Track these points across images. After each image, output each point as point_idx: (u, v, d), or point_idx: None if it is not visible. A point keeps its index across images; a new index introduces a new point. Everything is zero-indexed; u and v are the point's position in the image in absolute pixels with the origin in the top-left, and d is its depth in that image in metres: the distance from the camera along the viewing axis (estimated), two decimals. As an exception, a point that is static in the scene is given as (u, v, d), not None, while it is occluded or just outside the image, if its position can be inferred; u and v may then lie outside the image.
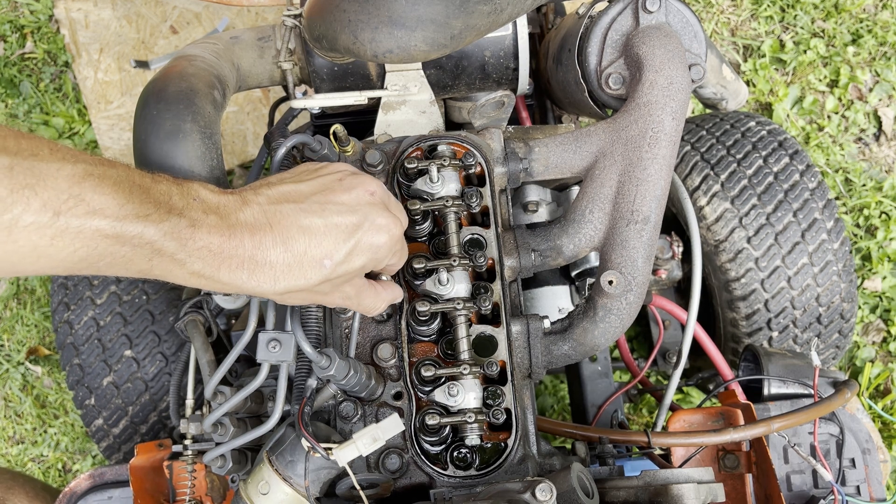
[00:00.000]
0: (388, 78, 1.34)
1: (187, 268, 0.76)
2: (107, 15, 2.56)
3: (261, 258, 0.80)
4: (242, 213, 0.82)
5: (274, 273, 0.82)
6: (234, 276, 0.80)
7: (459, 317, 1.04)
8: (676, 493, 0.97)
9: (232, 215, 0.80)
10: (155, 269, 0.75)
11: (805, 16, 2.66)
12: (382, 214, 0.91)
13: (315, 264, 0.84)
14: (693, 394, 2.40)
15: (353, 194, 0.91)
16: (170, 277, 0.77)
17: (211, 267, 0.78)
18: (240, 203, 0.82)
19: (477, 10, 1.08)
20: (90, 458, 2.53)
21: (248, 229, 0.80)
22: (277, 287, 0.82)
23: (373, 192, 0.93)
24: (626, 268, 1.10)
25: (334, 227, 0.86)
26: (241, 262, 0.79)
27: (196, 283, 0.79)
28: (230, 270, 0.79)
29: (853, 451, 1.36)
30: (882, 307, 2.46)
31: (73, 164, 0.67)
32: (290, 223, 0.83)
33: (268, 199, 0.85)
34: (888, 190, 2.51)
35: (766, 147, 1.82)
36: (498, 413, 1.02)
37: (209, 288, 0.81)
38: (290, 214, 0.84)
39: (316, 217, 0.85)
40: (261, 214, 0.82)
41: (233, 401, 1.02)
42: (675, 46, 1.14)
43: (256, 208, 0.83)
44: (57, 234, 0.66)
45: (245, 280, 0.80)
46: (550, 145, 1.18)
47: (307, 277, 0.84)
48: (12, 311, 2.66)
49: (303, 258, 0.83)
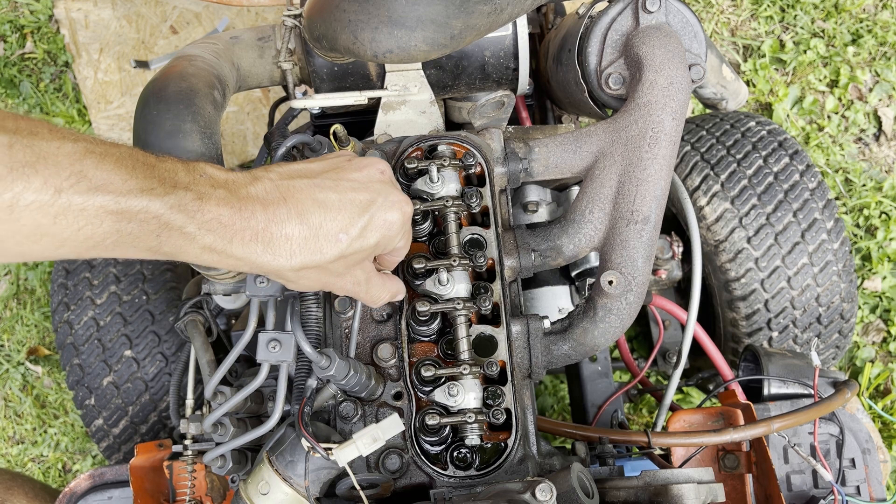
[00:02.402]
0: (388, 78, 1.34)
1: (198, 242, 0.74)
2: (107, 15, 2.56)
3: (276, 231, 0.78)
4: (253, 187, 0.80)
5: (290, 246, 0.79)
6: (247, 250, 0.77)
7: (459, 317, 1.04)
8: (676, 493, 0.97)
9: (241, 189, 0.78)
10: (164, 245, 0.73)
11: (805, 16, 2.66)
12: (394, 192, 0.90)
13: (331, 238, 0.82)
14: (693, 394, 2.40)
15: (364, 172, 0.90)
16: (181, 254, 0.75)
17: (223, 240, 0.75)
18: (250, 178, 0.81)
19: (477, 10, 1.08)
20: (90, 458, 2.53)
21: (260, 202, 0.78)
22: (294, 262, 0.80)
23: (383, 170, 0.92)
24: (626, 268, 1.10)
25: (349, 202, 0.84)
26: (254, 235, 0.77)
27: (209, 259, 0.77)
28: (243, 243, 0.77)
29: (853, 451, 1.36)
30: (882, 307, 2.46)
31: (73, 143, 0.66)
32: (305, 196, 0.82)
33: (279, 174, 0.83)
34: (888, 190, 2.51)
35: (766, 147, 1.82)
36: (498, 413, 1.01)
37: (223, 265, 0.79)
38: (304, 189, 0.82)
39: (330, 192, 0.84)
40: (273, 189, 0.80)
41: (233, 401, 1.02)
42: (675, 46, 1.14)
43: (268, 183, 0.81)
44: (59, 213, 0.64)
45: (260, 253, 0.78)
46: (550, 145, 1.18)
47: (323, 252, 0.82)
48: (12, 311, 2.66)
49: (319, 231, 0.81)
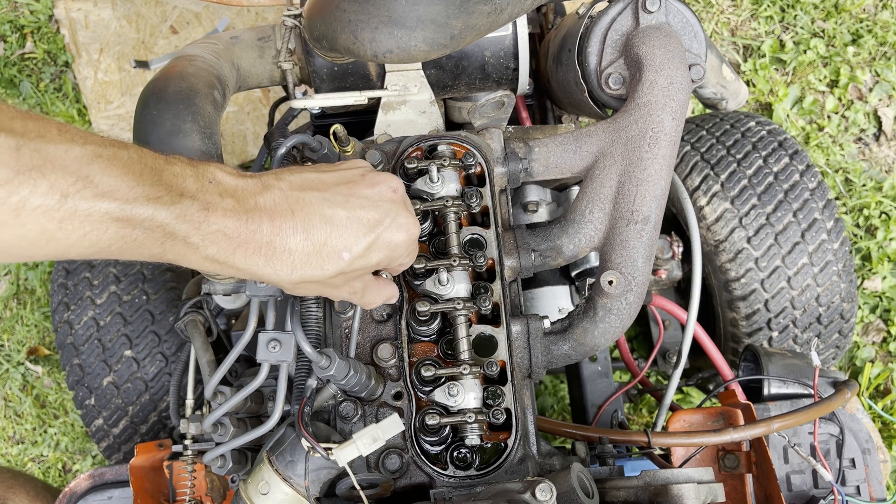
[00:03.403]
0: (388, 78, 1.34)
1: (201, 252, 0.75)
2: (107, 15, 2.56)
3: (279, 244, 0.78)
4: (262, 197, 0.79)
5: (292, 261, 0.80)
6: (249, 262, 0.78)
7: (459, 317, 1.04)
8: (676, 493, 0.97)
9: (250, 199, 0.78)
10: (168, 253, 0.73)
11: (805, 16, 2.66)
12: (403, 213, 0.90)
13: (334, 255, 0.82)
14: (693, 394, 2.40)
15: (376, 190, 0.89)
16: (183, 262, 0.76)
17: (226, 252, 0.76)
18: (259, 187, 0.80)
19: (477, 10, 1.08)
20: (90, 458, 2.53)
21: (268, 214, 0.78)
22: (294, 276, 0.81)
23: (395, 188, 0.92)
24: (626, 268, 1.10)
25: (356, 221, 0.84)
26: (258, 248, 0.77)
27: (211, 268, 0.78)
28: (246, 256, 0.77)
29: (853, 451, 1.36)
30: (882, 307, 2.46)
31: (81, 146, 0.66)
32: (313, 211, 0.81)
33: (290, 185, 0.83)
34: (888, 190, 2.51)
35: (766, 147, 1.82)
36: (498, 413, 1.01)
37: (224, 273, 0.79)
38: (314, 203, 0.82)
39: (340, 208, 0.84)
40: (282, 200, 0.80)
41: (233, 401, 1.02)
42: (675, 46, 1.14)
43: (278, 193, 0.80)
44: (65, 218, 0.64)
45: (261, 266, 0.79)
46: (550, 145, 1.18)
47: (324, 268, 0.82)
48: (12, 311, 2.66)
49: (322, 248, 0.81)
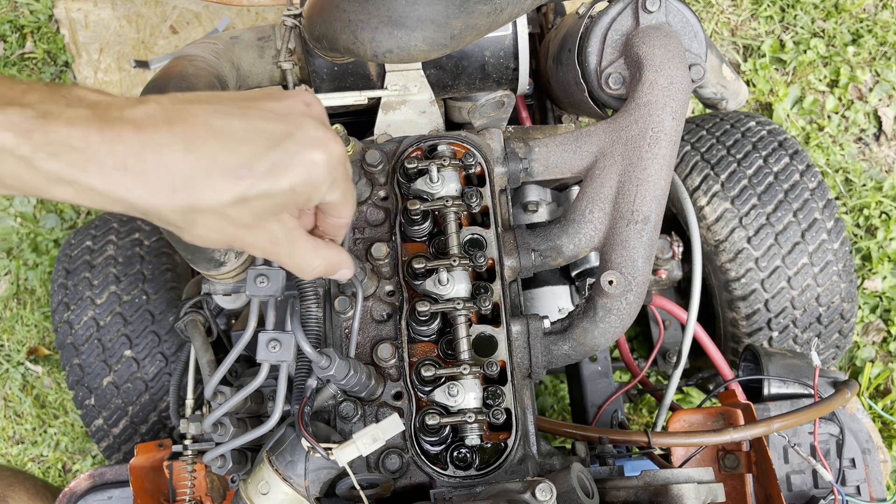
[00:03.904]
0: (388, 78, 1.34)
1: (39, 169, 0.60)
2: (107, 15, 2.56)
3: (151, 158, 0.62)
4: (132, 110, 0.64)
5: (172, 180, 0.63)
6: (110, 182, 0.62)
7: (459, 317, 1.04)
8: (676, 493, 0.97)
9: (114, 111, 0.63)
10: (1, 173, 0.60)
11: (805, 16, 2.66)
12: (319, 127, 0.72)
13: (227, 173, 0.66)
14: (693, 394, 2.40)
15: (284, 103, 0.73)
16: (25, 186, 0.62)
17: (73, 168, 0.61)
18: (133, 102, 0.65)
19: (477, 10, 1.08)
20: (90, 458, 2.53)
21: (133, 125, 0.63)
22: (176, 199, 0.64)
23: (309, 103, 0.75)
24: (626, 268, 1.10)
25: (256, 133, 0.68)
26: (119, 162, 0.62)
27: (62, 193, 0.62)
28: (103, 173, 0.61)
29: (853, 451, 1.36)
30: (882, 307, 2.46)
31: None
32: (198, 122, 0.66)
33: (173, 99, 0.67)
34: (888, 190, 2.51)
35: (767, 147, 1.82)
36: (498, 413, 1.01)
37: (81, 201, 0.64)
38: (199, 113, 0.66)
39: (233, 119, 0.68)
40: (157, 111, 0.65)
41: (233, 401, 1.02)
42: (675, 46, 1.14)
43: (154, 106, 0.65)
44: None
45: (130, 188, 0.63)
46: (550, 145, 1.18)
47: (216, 190, 0.65)
48: (12, 311, 2.66)
49: (211, 165, 0.65)
